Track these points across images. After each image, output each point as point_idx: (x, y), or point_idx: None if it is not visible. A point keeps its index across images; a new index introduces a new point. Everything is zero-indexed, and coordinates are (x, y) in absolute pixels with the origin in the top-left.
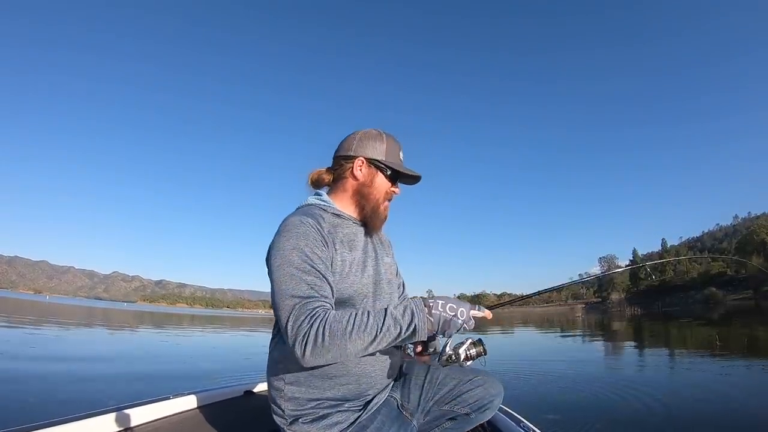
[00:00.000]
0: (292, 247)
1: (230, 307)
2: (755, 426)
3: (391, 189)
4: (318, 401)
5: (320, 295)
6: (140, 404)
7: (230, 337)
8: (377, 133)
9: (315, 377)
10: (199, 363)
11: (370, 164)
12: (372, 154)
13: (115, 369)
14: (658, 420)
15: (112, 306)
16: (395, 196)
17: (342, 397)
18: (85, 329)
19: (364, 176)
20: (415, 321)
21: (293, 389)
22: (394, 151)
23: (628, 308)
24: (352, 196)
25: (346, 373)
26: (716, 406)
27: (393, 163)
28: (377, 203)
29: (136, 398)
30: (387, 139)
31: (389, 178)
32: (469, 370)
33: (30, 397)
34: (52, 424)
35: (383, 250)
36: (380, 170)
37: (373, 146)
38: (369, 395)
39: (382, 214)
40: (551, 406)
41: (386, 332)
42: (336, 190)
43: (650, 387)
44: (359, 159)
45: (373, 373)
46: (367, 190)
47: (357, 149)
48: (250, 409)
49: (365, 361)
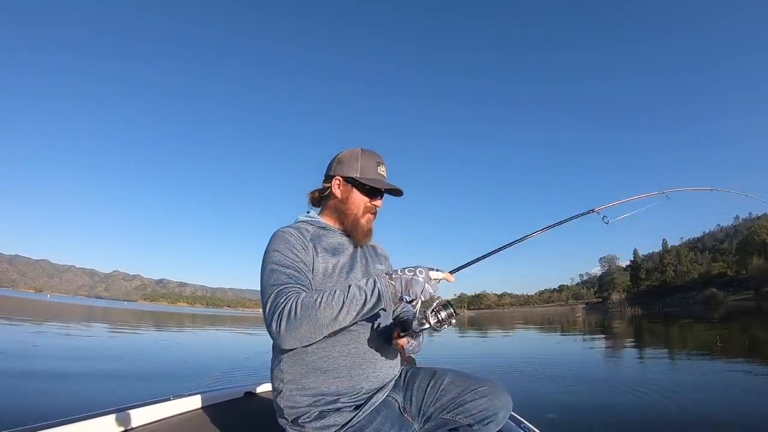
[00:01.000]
0: (274, 249)
1: (231, 307)
2: (757, 427)
3: (371, 203)
4: (314, 398)
5: (298, 283)
6: (141, 405)
7: (231, 337)
8: (354, 153)
9: (309, 374)
10: (199, 363)
11: (346, 182)
12: (347, 173)
13: (117, 369)
14: (659, 420)
15: (113, 305)
16: (378, 209)
17: (336, 392)
18: (87, 329)
19: (341, 193)
20: (378, 285)
21: (291, 387)
22: (370, 168)
23: (629, 308)
24: (334, 212)
25: (336, 366)
26: (717, 407)
27: (368, 179)
28: (356, 217)
29: (137, 399)
30: (363, 156)
31: (367, 193)
32: (476, 378)
33: (31, 397)
34: (54, 425)
35: (376, 258)
36: (356, 187)
37: (348, 165)
38: (363, 389)
39: (364, 226)
40: (551, 406)
41: (352, 299)
42: (324, 207)
43: (651, 388)
44: (336, 178)
45: (364, 365)
46: (344, 206)
47: (336, 169)
48: (250, 410)
49: (353, 352)
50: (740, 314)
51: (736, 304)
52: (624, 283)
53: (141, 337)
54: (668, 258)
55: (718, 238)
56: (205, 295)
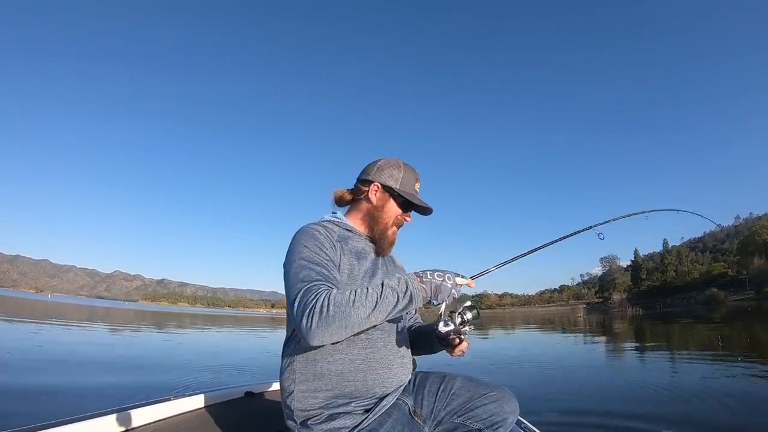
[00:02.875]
0: (303, 245)
1: (232, 307)
2: (760, 428)
3: (402, 216)
4: (326, 401)
5: (327, 281)
6: (142, 405)
7: (231, 337)
8: (397, 163)
9: (322, 377)
10: (200, 363)
11: (384, 190)
12: (387, 181)
13: (118, 369)
14: (659, 421)
15: (114, 305)
16: (406, 223)
17: (349, 394)
18: (89, 329)
19: (377, 200)
20: (410, 288)
21: (302, 389)
22: (409, 182)
23: (630, 309)
24: (365, 217)
25: (351, 369)
26: (719, 408)
27: (406, 192)
28: (386, 227)
29: (138, 399)
30: (405, 169)
31: (401, 205)
32: (485, 384)
33: (32, 397)
34: (55, 425)
35: (394, 268)
36: (393, 197)
37: (390, 174)
38: (376, 393)
39: (390, 237)
40: (551, 406)
41: (385, 299)
42: (353, 210)
43: (652, 387)
44: (375, 184)
45: (379, 369)
46: (378, 213)
47: (375, 175)
48: (251, 410)
49: (369, 356)
50: (741, 314)
51: (737, 304)
52: (625, 283)
53: (142, 337)
54: (669, 258)
55: (719, 238)
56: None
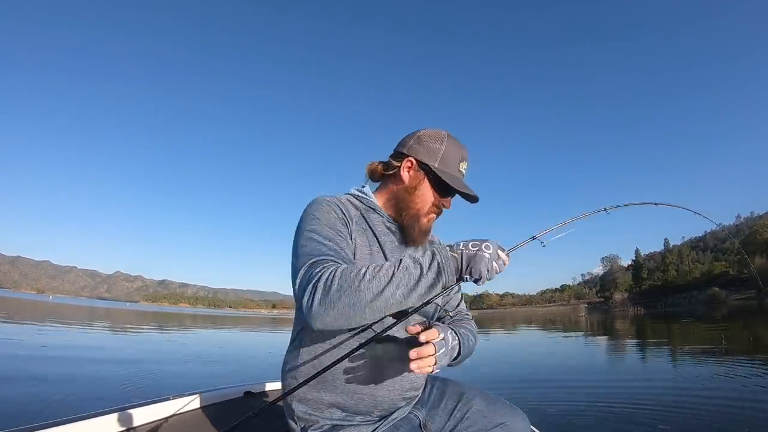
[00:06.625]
0: (313, 217)
1: (232, 307)
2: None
3: (441, 201)
4: (330, 409)
5: (338, 256)
6: (141, 405)
7: (232, 337)
8: (439, 135)
9: (327, 382)
10: (201, 363)
11: (419, 168)
12: (424, 157)
13: (117, 369)
14: (659, 420)
15: (115, 306)
16: (445, 210)
17: (355, 408)
18: (90, 329)
19: (409, 180)
20: (437, 258)
21: (305, 391)
22: (452, 160)
23: (631, 308)
24: (393, 198)
25: (362, 378)
26: (722, 408)
27: (446, 173)
28: (417, 213)
29: (138, 399)
30: (449, 143)
31: (439, 188)
32: (503, 410)
33: (33, 396)
34: (54, 424)
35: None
36: (429, 178)
37: (428, 148)
38: (384, 407)
39: (424, 226)
40: (551, 406)
41: (405, 271)
42: (383, 187)
43: (654, 387)
44: (409, 159)
45: (388, 382)
46: (409, 196)
47: (411, 148)
48: (250, 410)
49: (378, 366)
50: (743, 313)
51: (738, 303)
52: (626, 282)
53: (143, 338)
54: (670, 257)
55: (720, 237)
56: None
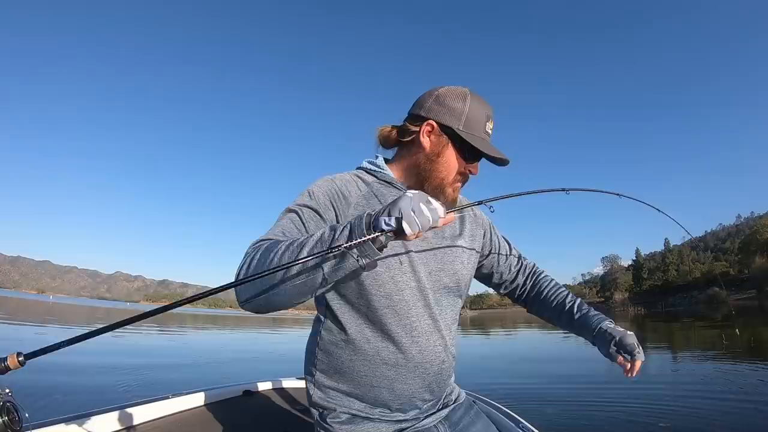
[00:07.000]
0: (301, 194)
1: (233, 307)
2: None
3: (466, 167)
4: (347, 396)
5: (287, 235)
6: (140, 403)
7: (232, 337)
8: (461, 92)
9: (343, 373)
10: (201, 363)
11: (442, 131)
12: (446, 120)
13: (118, 369)
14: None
15: (116, 306)
16: (471, 177)
17: (372, 399)
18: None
19: (431, 145)
20: (353, 220)
21: (322, 378)
22: (478, 120)
23: (632, 308)
24: (412, 167)
25: (378, 371)
26: (723, 407)
27: (473, 135)
28: (442, 182)
29: (137, 398)
30: (472, 101)
31: (464, 153)
32: None
33: (32, 395)
34: (53, 422)
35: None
36: (454, 142)
37: (450, 109)
38: (402, 403)
39: (450, 197)
40: (551, 405)
41: (318, 237)
42: (399, 155)
43: (655, 386)
44: (429, 122)
45: (410, 380)
46: (431, 165)
47: (430, 109)
48: (248, 409)
49: (401, 364)
50: (743, 313)
51: (739, 303)
52: (626, 282)
53: (144, 338)
54: (670, 257)
55: (721, 237)
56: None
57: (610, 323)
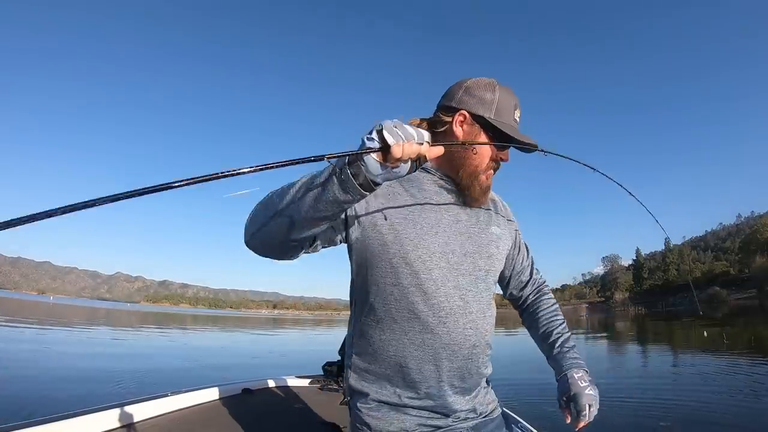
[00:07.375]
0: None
1: (233, 308)
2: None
3: (497, 155)
4: (379, 379)
5: None
6: (138, 401)
7: (232, 338)
8: (490, 83)
9: (376, 358)
10: (201, 363)
11: (474, 121)
12: (478, 109)
13: (117, 369)
14: (663, 419)
15: (116, 306)
16: (503, 164)
17: (402, 381)
18: (92, 329)
19: (464, 135)
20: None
21: (358, 360)
22: (507, 108)
23: (632, 308)
24: (447, 155)
25: (409, 353)
26: (723, 406)
27: (504, 123)
28: (476, 170)
29: (136, 396)
30: (501, 91)
31: (496, 141)
32: None
33: (32, 395)
34: (52, 420)
35: (490, 219)
36: (485, 130)
37: (481, 98)
38: (431, 387)
39: (484, 184)
40: (551, 405)
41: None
42: None
43: (655, 384)
44: (461, 113)
45: (439, 363)
46: (466, 152)
47: (461, 100)
48: (248, 408)
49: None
50: (744, 313)
51: (739, 302)
52: (627, 282)
53: (145, 338)
54: (671, 257)
55: (721, 236)
56: (208, 297)
57: (578, 372)
